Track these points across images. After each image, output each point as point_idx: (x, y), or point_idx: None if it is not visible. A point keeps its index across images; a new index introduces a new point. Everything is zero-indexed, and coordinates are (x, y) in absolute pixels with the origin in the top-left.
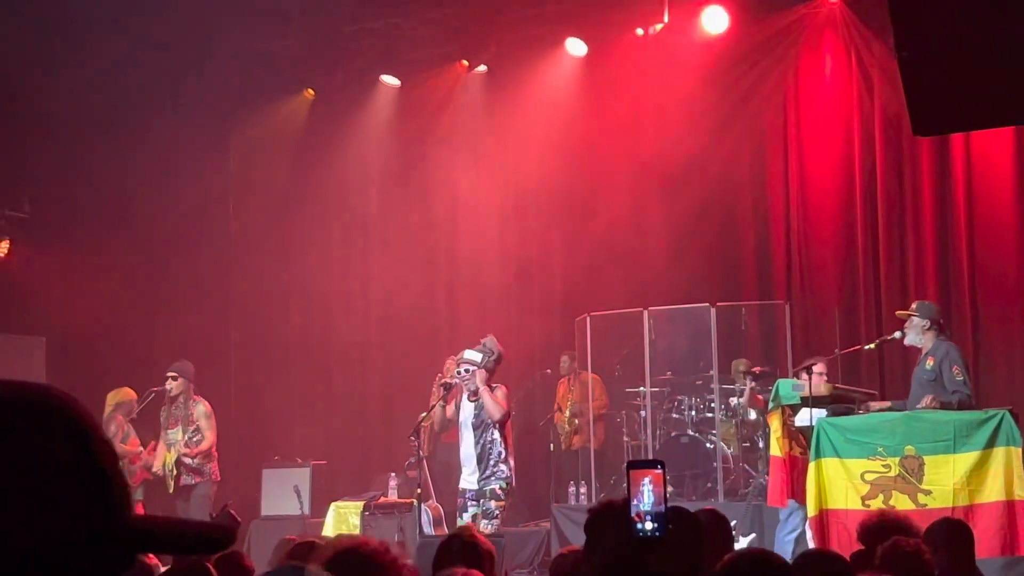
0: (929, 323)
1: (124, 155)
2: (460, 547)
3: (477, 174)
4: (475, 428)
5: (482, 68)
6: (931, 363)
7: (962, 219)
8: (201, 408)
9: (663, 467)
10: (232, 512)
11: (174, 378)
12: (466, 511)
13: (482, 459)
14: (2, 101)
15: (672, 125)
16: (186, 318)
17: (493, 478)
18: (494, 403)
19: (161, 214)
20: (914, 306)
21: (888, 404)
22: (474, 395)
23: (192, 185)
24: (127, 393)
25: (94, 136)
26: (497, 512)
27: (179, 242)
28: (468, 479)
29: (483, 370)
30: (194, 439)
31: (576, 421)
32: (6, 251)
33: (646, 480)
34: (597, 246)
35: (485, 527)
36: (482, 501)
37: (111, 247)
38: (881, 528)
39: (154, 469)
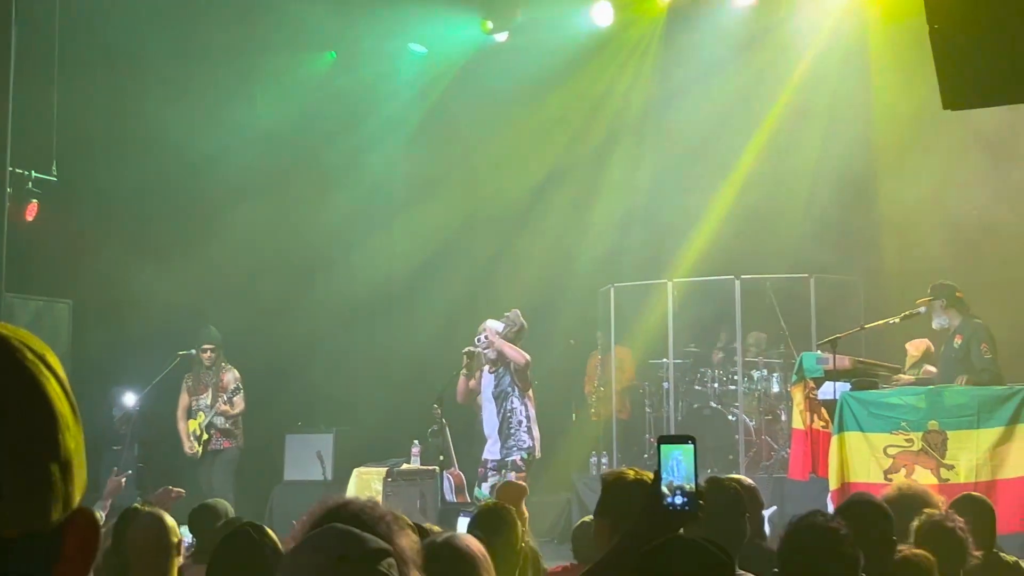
0: (946, 302)
1: (151, 113)
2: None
3: (507, 144)
4: (495, 399)
5: (504, 35)
6: (959, 341)
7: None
8: (232, 374)
9: (694, 443)
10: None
11: (213, 350)
12: (485, 481)
13: (503, 429)
14: (30, 58)
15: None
16: (210, 280)
17: (515, 448)
18: (515, 350)
19: (184, 173)
20: (930, 289)
21: (912, 379)
22: (493, 366)
23: (217, 140)
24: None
25: (122, 94)
26: None
27: (203, 201)
28: (491, 449)
29: (503, 340)
30: (228, 402)
31: (602, 390)
32: (34, 214)
33: (677, 454)
34: (628, 215)
35: None
36: (503, 472)
37: (137, 210)
38: (903, 502)
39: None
